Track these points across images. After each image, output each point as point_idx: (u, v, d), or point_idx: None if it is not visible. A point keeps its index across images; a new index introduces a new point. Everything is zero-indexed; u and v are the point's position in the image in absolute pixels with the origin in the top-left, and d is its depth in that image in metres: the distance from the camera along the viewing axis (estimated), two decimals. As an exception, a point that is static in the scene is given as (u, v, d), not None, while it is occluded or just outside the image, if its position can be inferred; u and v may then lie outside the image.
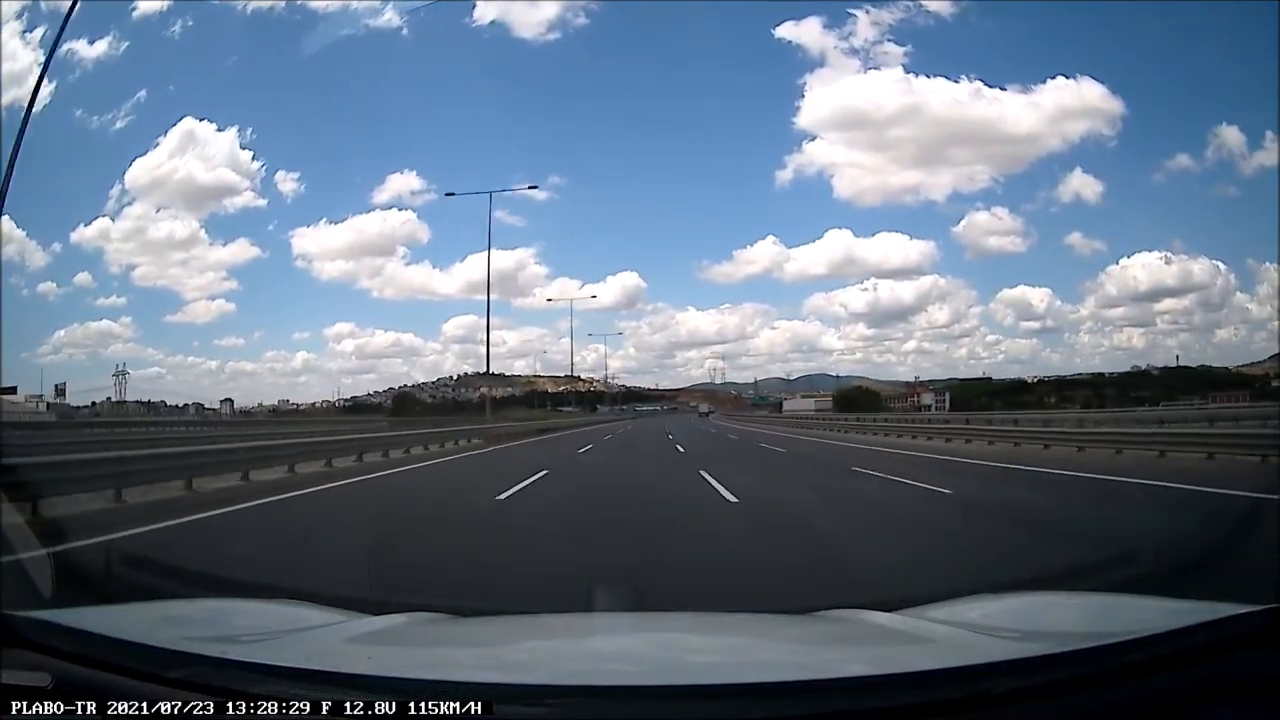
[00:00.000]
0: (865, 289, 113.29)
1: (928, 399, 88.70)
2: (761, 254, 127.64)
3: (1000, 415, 39.14)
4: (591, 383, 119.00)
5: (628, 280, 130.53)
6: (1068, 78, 76.15)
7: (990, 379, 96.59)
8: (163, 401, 74.07)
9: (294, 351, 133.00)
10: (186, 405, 70.92)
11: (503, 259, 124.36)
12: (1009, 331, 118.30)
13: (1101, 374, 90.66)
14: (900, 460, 17.96)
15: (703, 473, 14.09)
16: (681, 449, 24.00)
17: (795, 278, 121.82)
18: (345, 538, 8.22)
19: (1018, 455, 18.27)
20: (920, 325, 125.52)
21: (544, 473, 14.68)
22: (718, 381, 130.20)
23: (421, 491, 13.33)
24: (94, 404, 65.69)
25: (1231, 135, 73.30)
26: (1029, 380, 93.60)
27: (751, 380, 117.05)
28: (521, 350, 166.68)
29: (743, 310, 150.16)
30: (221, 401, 73.64)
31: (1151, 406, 50.33)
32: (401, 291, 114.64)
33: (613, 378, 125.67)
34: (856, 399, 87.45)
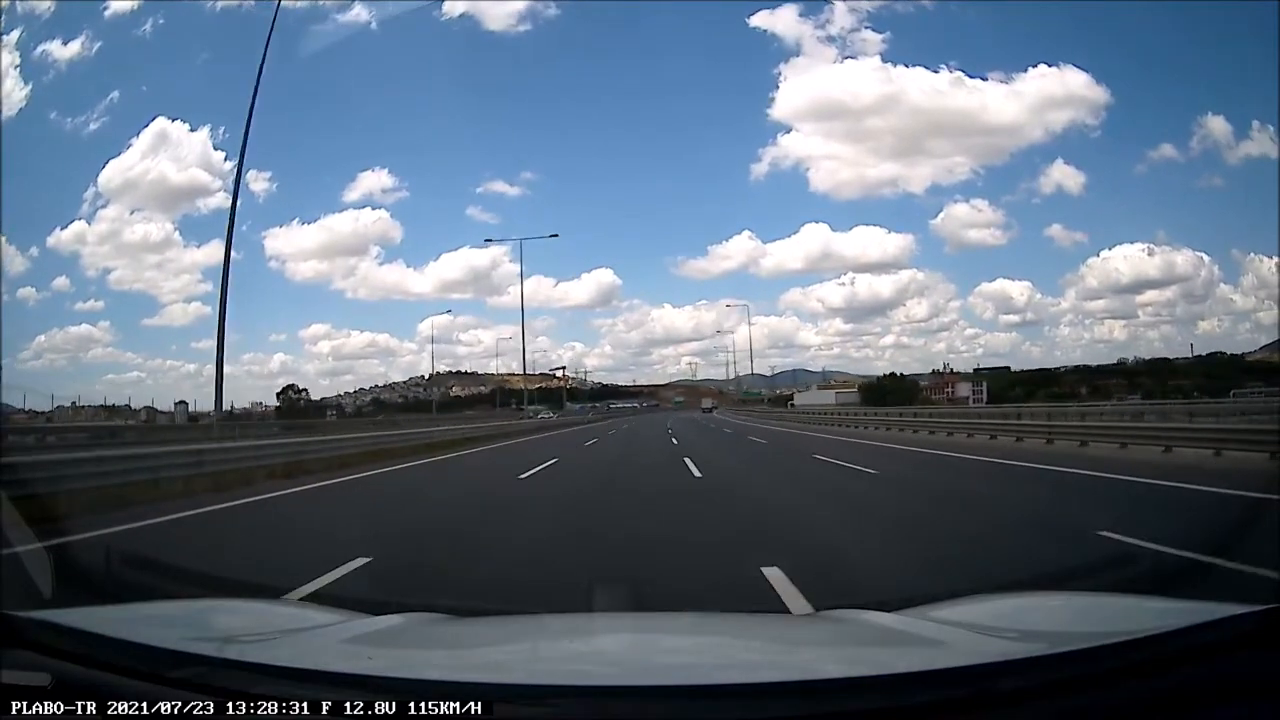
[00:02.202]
0: (843, 283, 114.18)
1: (964, 389, 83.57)
2: (737, 249, 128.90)
3: (1079, 408, 31.73)
4: (566, 380, 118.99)
5: (603, 277, 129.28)
6: (1050, 65, 75.48)
7: (1009, 368, 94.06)
8: (126, 405, 73.25)
9: (271, 354, 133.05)
10: (139, 409, 69.74)
11: (476, 257, 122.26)
12: (988, 325, 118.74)
13: (1123, 361, 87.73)
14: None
15: None
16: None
17: (772, 273, 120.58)
18: None
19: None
20: (898, 320, 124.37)
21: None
22: (697, 378, 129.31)
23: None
24: (52, 409, 63.70)
25: (1218, 125, 72.92)
26: (1054, 370, 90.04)
27: (732, 376, 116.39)
28: (497, 349, 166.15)
29: (719, 307, 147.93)
30: (176, 404, 70.76)
31: (1215, 399, 41.47)
32: (375, 292, 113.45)
33: (586, 373, 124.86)
34: (890, 390, 79.62)
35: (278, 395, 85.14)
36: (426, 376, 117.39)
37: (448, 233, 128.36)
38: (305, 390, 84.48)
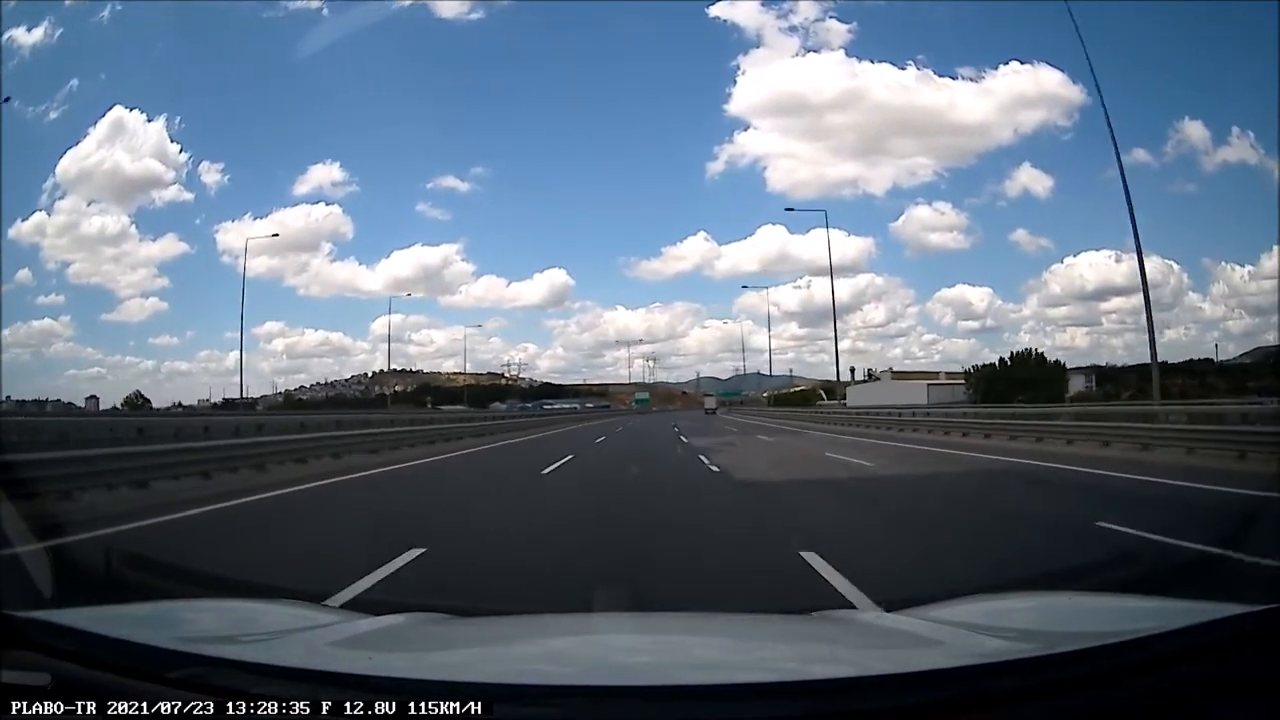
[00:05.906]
0: (799, 286, 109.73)
1: (1077, 384, 62.46)
2: (691, 250, 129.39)
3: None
4: (515, 379, 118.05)
5: (555, 278, 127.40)
6: (1023, 63, 73.03)
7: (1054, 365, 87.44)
8: (59, 400, 66.59)
9: (226, 351, 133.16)
10: (45, 401, 63.29)
11: (427, 255, 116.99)
12: (947, 331, 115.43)
13: (1164, 361, 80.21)
14: None
15: None
16: None
17: (726, 275, 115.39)
18: None
19: None
20: (855, 324, 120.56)
21: None
22: (652, 379, 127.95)
23: None
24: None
25: (1195, 130, 70.61)
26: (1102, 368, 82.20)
27: (692, 377, 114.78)
28: (450, 349, 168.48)
29: (673, 309, 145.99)
30: (87, 399, 67.83)
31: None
32: (328, 289, 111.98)
33: (520, 365, 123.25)
34: (1028, 380, 47.87)
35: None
36: (370, 374, 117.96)
37: (399, 230, 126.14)
38: (325, 386, 79.37)
